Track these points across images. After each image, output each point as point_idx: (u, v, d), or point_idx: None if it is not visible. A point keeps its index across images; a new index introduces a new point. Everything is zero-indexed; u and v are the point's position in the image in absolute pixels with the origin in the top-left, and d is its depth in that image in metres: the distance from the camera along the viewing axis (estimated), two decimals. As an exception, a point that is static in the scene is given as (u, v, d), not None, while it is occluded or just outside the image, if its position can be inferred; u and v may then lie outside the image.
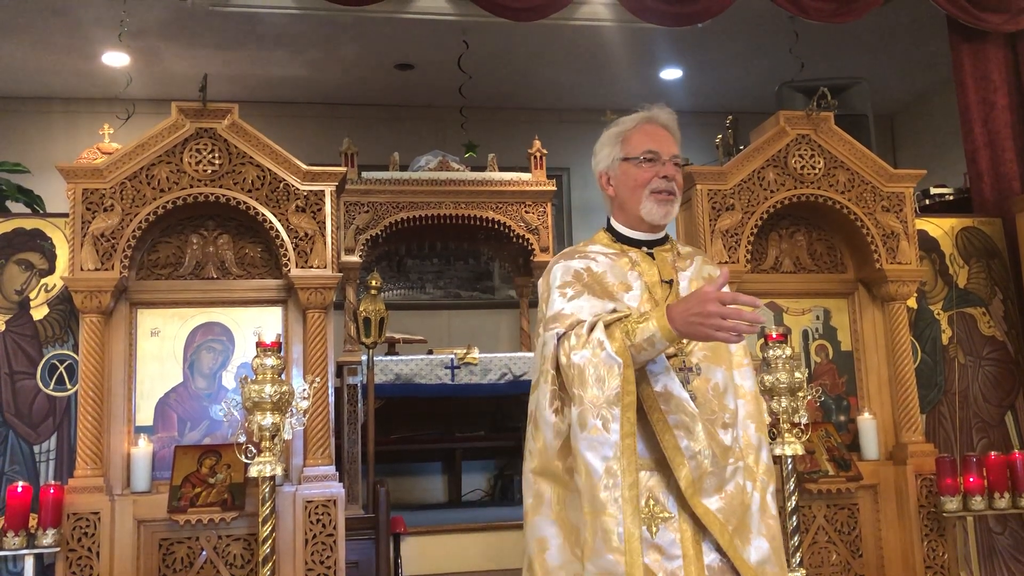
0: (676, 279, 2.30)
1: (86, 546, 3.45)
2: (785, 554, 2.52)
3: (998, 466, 3.90)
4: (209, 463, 3.60)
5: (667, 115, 2.36)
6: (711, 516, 2.11)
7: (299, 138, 6.67)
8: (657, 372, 2.11)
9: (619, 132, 2.36)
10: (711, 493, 2.12)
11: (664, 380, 2.11)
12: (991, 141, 5.04)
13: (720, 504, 2.12)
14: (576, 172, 8.56)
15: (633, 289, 2.25)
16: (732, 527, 2.12)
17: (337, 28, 6.68)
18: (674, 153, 2.32)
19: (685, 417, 2.09)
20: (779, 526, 2.24)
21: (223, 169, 3.78)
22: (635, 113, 2.37)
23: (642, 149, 2.30)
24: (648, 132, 2.33)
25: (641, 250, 2.32)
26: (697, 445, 2.09)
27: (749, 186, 4.09)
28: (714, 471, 2.12)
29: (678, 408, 2.10)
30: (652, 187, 2.28)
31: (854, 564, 4.00)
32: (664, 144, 2.31)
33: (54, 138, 7.58)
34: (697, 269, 2.35)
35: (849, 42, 6.81)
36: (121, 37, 5.68)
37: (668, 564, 2.07)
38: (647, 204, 2.29)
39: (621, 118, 2.39)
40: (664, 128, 2.35)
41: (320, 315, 3.77)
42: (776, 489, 2.28)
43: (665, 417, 2.09)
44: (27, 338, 3.78)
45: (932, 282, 4.51)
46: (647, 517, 2.09)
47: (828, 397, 4.21)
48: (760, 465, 2.23)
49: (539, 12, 4.99)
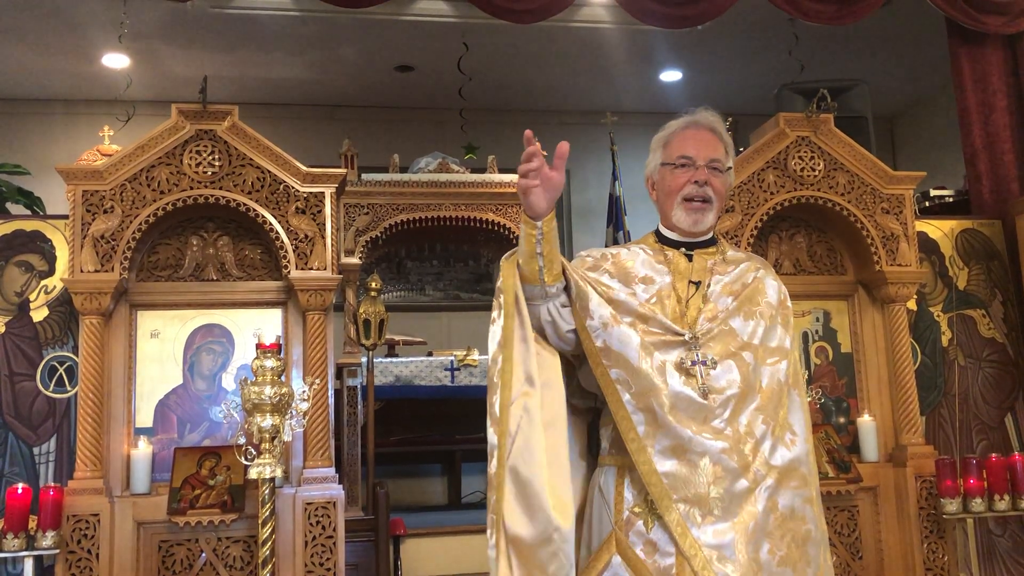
0: (706, 281, 2.24)
1: (86, 548, 3.45)
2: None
3: (998, 468, 3.90)
4: (209, 465, 3.60)
5: (710, 117, 2.32)
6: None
7: (299, 140, 6.68)
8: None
9: (663, 137, 2.34)
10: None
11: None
12: (990, 143, 5.04)
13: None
14: (576, 174, 8.57)
15: (655, 283, 2.23)
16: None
17: (337, 30, 6.69)
18: (713, 157, 2.26)
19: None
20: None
21: (223, 171, 3.78)
22: (681, 117, 2.34)
23: (677, 154, 2.27)
24: (688, 136, 2.29)
25: (680, 251, 2.30)
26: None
27: (749, 188, 4.10)
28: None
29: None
30: (684, 194, 2.25)
31: (854, 566, 4.00)
32: (703, 148, 2.27)
33: (54, 140, 7.59)
34: (737, 275, 2.27)
35: (849, 44, 6.82)
36: (121, 39, 5.70)
37: (661, 561, 2.05)
38: (677, 211, 2.27)
39: (669, 122, 2.35)
40: (707, 130, 2.30)
41: (320, 317, 3.77)
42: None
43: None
44: (27, 340, 3.78)
45: (932, 284, 4.51)
46: (644, 511, 2.09)
47: (828, 399, 4.21)
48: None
49: (539, 14, 4.99)
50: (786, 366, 2.20)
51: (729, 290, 2.24)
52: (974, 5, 5.00)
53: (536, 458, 2.03)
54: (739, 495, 2.04)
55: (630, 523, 2.10)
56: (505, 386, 2.08)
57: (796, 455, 2.12)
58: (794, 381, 2.21)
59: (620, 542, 2.10)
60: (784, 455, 2.11)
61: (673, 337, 2.14)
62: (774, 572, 2.04)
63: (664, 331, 2.15)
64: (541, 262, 2.07)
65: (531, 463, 2.03)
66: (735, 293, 2.23)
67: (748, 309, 2.21)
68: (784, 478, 2.09)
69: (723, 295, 2.23)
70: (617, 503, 2.13)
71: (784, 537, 2.06)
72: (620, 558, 2.09)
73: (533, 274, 2.09)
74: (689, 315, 2.18)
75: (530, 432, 2.05)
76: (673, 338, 2.14)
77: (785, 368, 2.19)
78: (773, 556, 2.04)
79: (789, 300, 2.32)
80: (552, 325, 2.15)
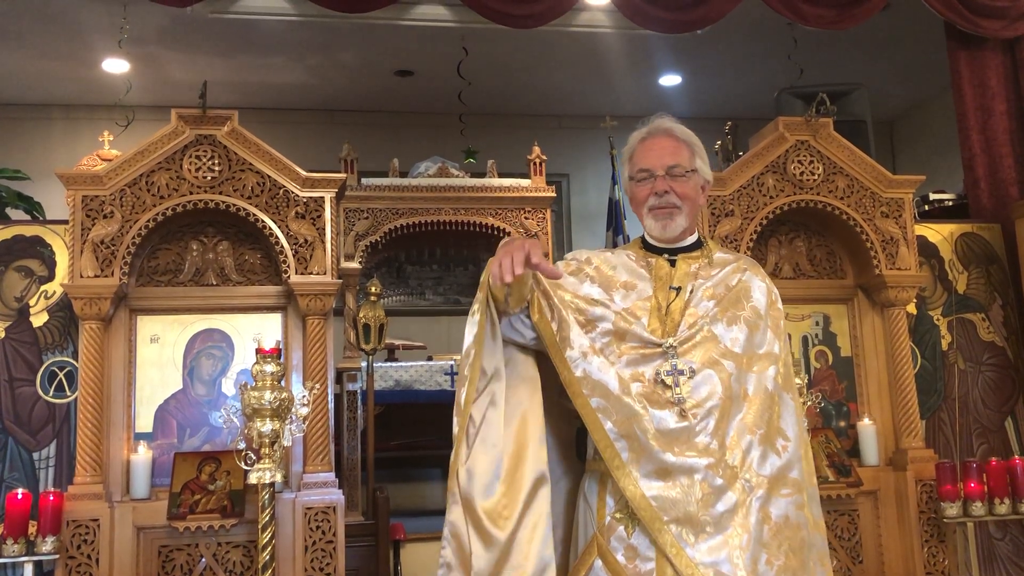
0: (688, 286, 2.23)
1: (85, 553, 3.45)
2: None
3: (998, 472, 3.89)
4: (209, 470, 3.60)
5: (666, 123, 2.31)
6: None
7: (299, 144, 6.69)
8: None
9: (627, 150, 2.35)
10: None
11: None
12: (989, 147, 5.04)
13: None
14: (575, 178, 8.58)
15: (635, 289, 2.23)
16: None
17: (337, 35, 6.70)
18: (671, 164, 2.25)
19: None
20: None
21: (223, 176, 3.78)
22: (641, 128, 2.34)
23: (637, 168, 2.29)
24: (645, 148, 2.30)
25: (663, 257, 2.30)
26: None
27: (748, 192, 4.10)
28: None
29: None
30: (648, 204, 2.27)
31: (854, 570, 4.00)
32: (659, 157, 2.26)
33: (54, 145, 7.60)
34: (721, 278, 2.26)
35: (848, 48, 6.83)
36: (121, 44, 5.71)
37: (642, 566, 2.04)
38: (648, 221, 2.29)
39: (632, 134, 2.36)
40: (664, 137, 2.29)
41: (320, 321, 3.77)
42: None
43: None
44: (27, 345, 3.78)
45: (931, 288, 4.52)
46: (625, 517, 2.09)
47: (828, 403, 4.21)
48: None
49: (538, 19, 5.00)
50: (774, 371, 2.18)
51: (711, 294, 2.22)
52: (972, 9, 5.01)
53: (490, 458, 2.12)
54: (729, 510, 2.03)
55: (611, 528, 2.09)
56: (471, 380, 2.14)
57: (787, 460, 2.11)
58: (784, 384, 2.19)
59: (601, 547, 2.10)
60: (775, 463, 2.10)
61: (650, 349, 2.13)
62: None
63: (641, 344, 2.13)
64: (508, 290, 2.13)
65: (487, 463, 2.11)
66: (717, 297, 2.21)
67: (732, 314, 2.20)
68: (775, 486, 2.08)
69: (704, 300, 2.21)
70: (599, 508, 2.13)
71: (781, 546, 2.05)
72: (601, 562, 2.09)
73: (499, 297, 2.16)
74: (669, 322, 2.17)
75: (488, 430, 2.13)
76: (651, 350, 2.13)
77: (773, 374, 2.17)
78: (771, 567, 2.03)
79: (780, 301, 2.32)
80: (514, 330, 2.23)
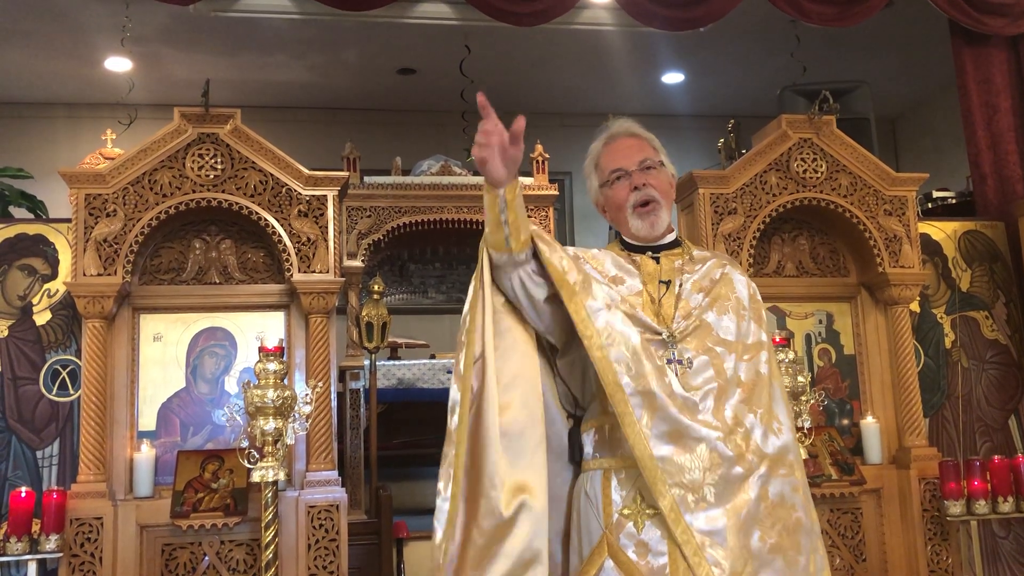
0: (676, 280, 2.26)
1: (89, 551, 3.45)
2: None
3: (1002, 470, 3.89)
4: (212, 468, 3.60)
5: (624, 124, 2.36)
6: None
7: (301, 143, 6.68)
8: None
9: (592, 161, 2.38)
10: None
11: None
12: (994, 144, 5.03)
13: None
14: (578, 176, 8.53)
15: (625, 283, 2.25)
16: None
17: (339, 33, 6.69)
18: (642, 159, 2.29)
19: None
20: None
21: (225, 174, 3.78)
22: (598, 138, 2.37)
23: (609, 170, 2.30)
24: (612, 151, 2.32)
25: (647, 255, 2.32)
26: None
27: (751, 190, 4.09)
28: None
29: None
30: (631, 203, 2.27)
31: (857, 568, 4.00)
32: (628, 156, 2.29)
33: (57, 143, 7.60)
34: (705, 272, 2.30)
35: (851, 46, 6.81)
36: (124, 43, 5.70)
37: (654, 561, 2.04)
38: (633, 221, 2.29)
39: (591, 146, 2.39)
40: (627, 137, 2.34)
41: (323, 320, 3.77)
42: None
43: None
44: (30, 343, 3.78)
45: (935, 286, 4.51)
46: (634, 513, 2.09)
47: (831, 401, 4.20)
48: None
49: (541, 16, 4.99)
50: (765, 356, 2.22)
51: (699, 287, 2.26)
52: (976, 7, 5.00)
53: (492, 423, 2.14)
54: (734, 482, 2.05)
55: (620, 526, 2.09)
56: (470, 344, 2.12)
57: (784, 443, 2.14)
58: (772, 372, 2.23)
59: (611, 545, 2.09)
60: (775, 442, 2.12)
61: (652, 335, 2.15)
62: (765, 559, 2.04)
63: (645, 329, 2.15)
64: (507, 230, 2.07)
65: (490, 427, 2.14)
66: (705, 290, 2.25)
67: (720, 304, 2.24)
68: (775, 465, 2.10)
69: (694, 292, 2.25)
70: (605, 507, 2.12)
71: (775, 525, 2.07)
72: (612, 562, 2.07)
73: (500, 243, 2.09)
74: (664, 314, 2.20)
75: (490, 392, 2.12)
76: (652, 336, 2.15)
77: (765, 358, 2.21)
78: (764, 543, 2.04)
79: (759, 294, 2.35)
80: (525, 292, 2.15)
